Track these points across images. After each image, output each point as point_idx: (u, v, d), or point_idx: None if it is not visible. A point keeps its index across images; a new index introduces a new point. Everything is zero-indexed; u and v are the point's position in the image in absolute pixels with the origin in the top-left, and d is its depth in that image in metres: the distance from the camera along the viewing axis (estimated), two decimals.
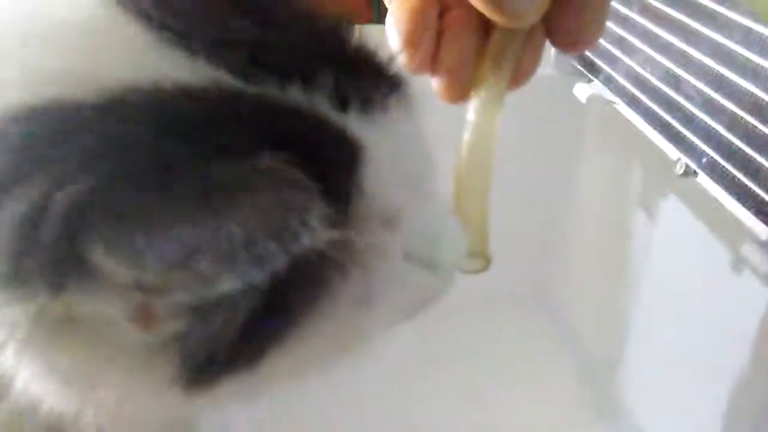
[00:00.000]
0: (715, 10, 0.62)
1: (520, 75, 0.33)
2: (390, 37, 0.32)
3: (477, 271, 0.33)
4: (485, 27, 0.32)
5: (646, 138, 0.75)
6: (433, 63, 0.32)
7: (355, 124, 0.25)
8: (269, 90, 0.24)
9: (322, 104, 0.25)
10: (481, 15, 0.31)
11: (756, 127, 0.57)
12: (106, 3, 0.25)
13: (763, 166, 0.56)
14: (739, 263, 0.59)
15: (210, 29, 0.25)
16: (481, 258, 0.32)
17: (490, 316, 1.05)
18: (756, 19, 0.57)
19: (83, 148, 0.21)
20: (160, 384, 0.25)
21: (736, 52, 0.60)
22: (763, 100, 0.56)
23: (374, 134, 0.26)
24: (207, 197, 0.21)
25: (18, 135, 0.22)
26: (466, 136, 0.32)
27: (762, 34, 0.57)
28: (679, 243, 0.78)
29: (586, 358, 0.98)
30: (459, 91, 0.32)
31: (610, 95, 0.82)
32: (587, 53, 0.86)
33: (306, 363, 0.28)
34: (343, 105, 0.25)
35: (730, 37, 0.61)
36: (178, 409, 0.29)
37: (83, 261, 0.20)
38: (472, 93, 0.32)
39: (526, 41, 0.32)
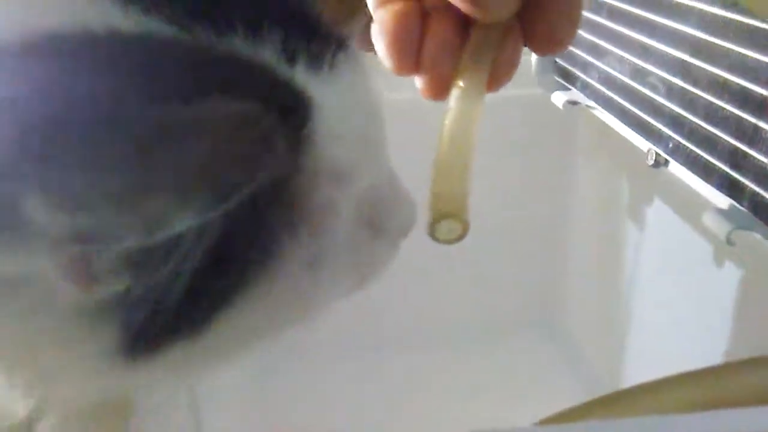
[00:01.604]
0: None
1: (499, 76, 0.34)
2: (375, 42, 0.34)
3: (454, 240, 0.32)
4: (466, 28, 0.33)
5: (624, 137, 0.77)
6: (416, 63, 0.34)
7: (302, 78, 0.25)
8: (210, 40, 0.23)
9: (267, 56, 0.24)
10: (461, 17, 0.33)
11: (713, 103, 0.58)
12: None
13: (722, 140, 0.57)
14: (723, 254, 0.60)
15: None
16: (458, 221, 0.31)
17: (492, 338, 1.05)
18: (708, 2, 0.59)
19: (11, 94, 0.20)
20: (99, 356, 0.24)
21: (692, 35, 0.61)
22: (719, 76, 0.58)
23: (323, 90, 0.25)
24: (155, 133, 0.20)
25: None
26: (446, 121, 0.33)
27: (714, 15, 0.59)
28: (665, 242, 0.79)
29: (590, 375, 0.97)
30: (440, 88, 0.33)
31: (586, 100, 0.84)
32: (563, 63, 0.88)
33: (253, 329, 0.27)
34: (290, 59, 0.25)
35: (685, 22, 0.62)
36: (120, 386, 0.27)
37: (15, 213, 0.19)
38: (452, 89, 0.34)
39: (504, 41, 0.33)
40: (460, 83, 0.32)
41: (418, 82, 0.34)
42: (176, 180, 0.20)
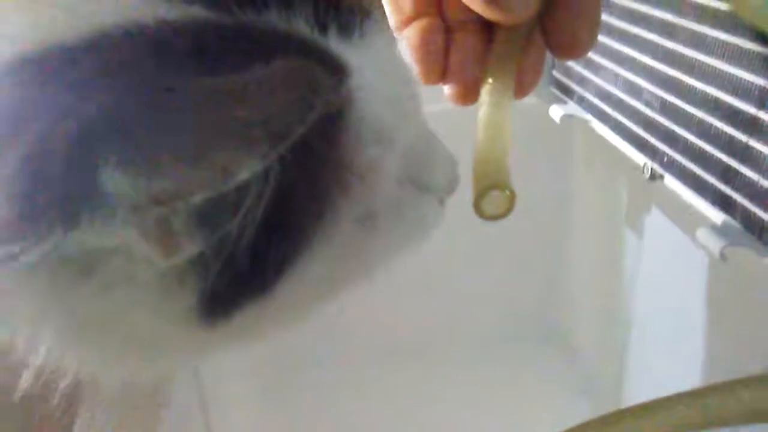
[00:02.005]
0: (663, 18, 0.66)
1: (525, 82, 0.35)
2: (405, 56, 0.36)
3: (501, 214, 0.33)
4: (488, 38, 0.35)
5: (621, 150, 0.78)
6: (443, 73, 0.35)
7: (336, 45, 0.26)
8: (246, 17, 0.25)
9: (302, 27, 0.26)
10: (483, 28, 0.34)
11: (705, 120, 0.60)
12: None
13: (714, 156, 0.59)
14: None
15: None
16: (504, 193, 0.32)
17: (492, 348, 1.06)
18: (701, 21, 0.61)
19: (76, 82, 0.22)
20: (179, 321, 0.25)
21: (684, 54, 0.63)
22: (711, 94, 0.59)
23: (356, 55, 0.27)
24: (212, 96, 0.21)
25: (8, 86, 0.22)
26: (481, 112, 0.34)
27: (706, 36, 0.60)
28: (664, 252, 0.80)
29: (591, 384, 0.99)
30: (468, 93, 0.35)
31: (583, 114, 0.85)
32: (561, 77, 0.90)
33: (317, 287, 0.28)
34: (322, 29, 0.26)
35: (677, 40, 0.64)
36: (199, 350, 0.29)
37: (94, 188, 0.20)
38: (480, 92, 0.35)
39: (526, 47, 0.34)
40: (489, 80, 0.34)
41: (446, 89, 0.35)
42: (237, 131, 0.21)
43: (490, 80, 0.34)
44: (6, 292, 0.23)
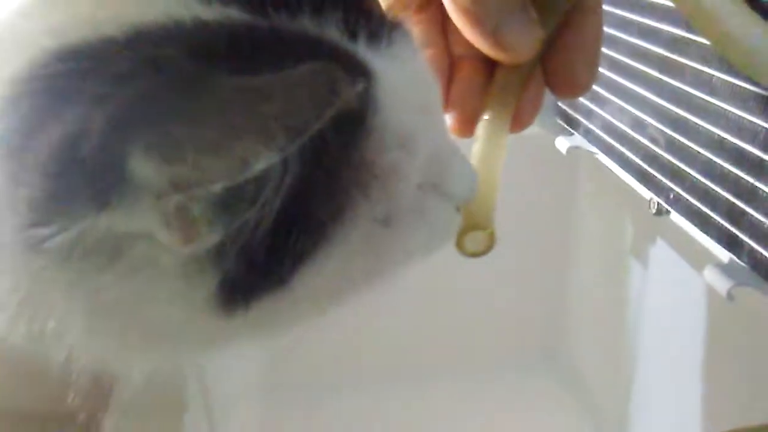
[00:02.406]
0: (670, 57, 0.67)
1: (523, 117, 0.36)
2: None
3: (480, 252, 0.34)
4: (491, 71, 0.36)
5: (627, 183, 0.79)
6: (444, 104, 0.37)
7: (364, 52, 0.27)
8: (280, 21, 0.26)
9: (332, 33, 0.27)
10: (486, 62, 0.36)
11: (711, 160, 0.61)
12: None
13: (721, 196, 0.60)
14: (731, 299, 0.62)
15: None
16: (485, 233, 0.34)
17: (496, 375, 1.07)
18: (703, 62, 0.62)
19: (115, 73, 0.23)
20: (200, 310, 0.25)
21: (691, 94, 0.64)
22: (716, 134, 0.61)
23: (383, 62, 0.28)
24: (241, 91, 0.22)
25: (50, 75, 0.23)
26: (475, 147, 0.35)
27: (711, 75, 0.61)
28: (669, 284, 0.81)
29: (596, 411, 0.99)
30: (467, 125, 0.36)
31: (589, 146, 0.87)
32: (567, 108, 0.91)
33: (335, 285, 0.29)
34: (352, 35, 0.27)
35: (684, 81, 0.65)
36: (219, 341, 0.29)
37: (123, 172, 0.21)
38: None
39: (526, 83, 0.36)
40: (486, 117, 0.35)
41: (447, 120, 0.37)
42: (258, 125, 0.22)
43: (487, 115, 0.35)
44: (36, 276, 0.24)
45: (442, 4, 0.34)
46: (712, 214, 0.61)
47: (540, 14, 0.33)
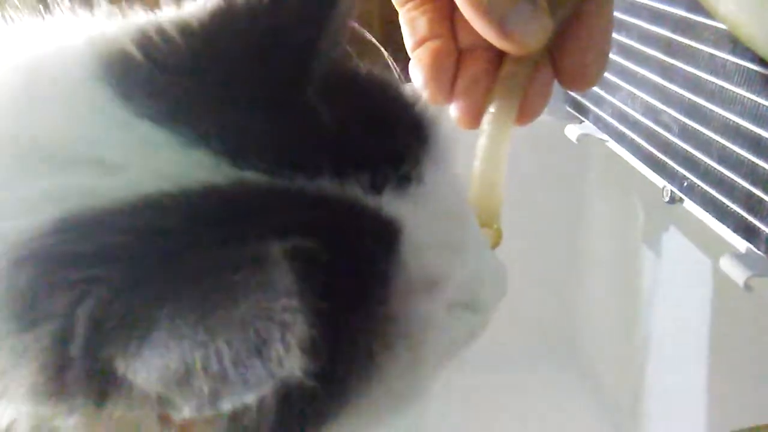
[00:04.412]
0: (682, 42, 0.66)
1: (530, 109, 0.35)
2: (413, 76, 0.36)
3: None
4: (498, 63, 0.35)
5: (638, 171, 0.78)
6: (450, 95, 0.36)
7: (390, 201, 0.25)
8: (297, 183, 0.24)
9: (354, 190, 0.25)
10: (494, 54, 0.35)
11: (727, 147, 0.59)
12: (114, 108, 0.24)
13: (737, 183, 0.58)
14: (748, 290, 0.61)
15: (229, 130, 0.24)
16: (491, 231, 0.33)
17: (510, 368, 1.06)
18: (717, 46, 0.60)
19: (107, 250, 0.21)
20: None
21: (705, 79, 0.63)
22: (731, 121, 0.59)
23: (410, 206, 0.26)
24: (204, 306, 0.20)
25: (46, 247, 0.22)
26: (480, 141, 0.35)
27: (725, 60, 0.60)
28: (683, 274, 0.79)
29: (609, 404, 0.98)
30: (472, 117, 0.35)
31: (599, 134, 0.85)
32: (576, 96, 0.89)
33: (365, 425, 0.28)
34: (377, 190, 0.25)
35: (697, 66, 0.64)
36: None
37: (113, 371, 0.20)
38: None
39: (534, 75, 0.35)
40: (491, 109, 0.34)
41: (453, 111, 0.36)
42: (219, 356, 0.20)
43: (493, 107, 0.35)
44: None
45: None
46: (728, 202, 0.59)
47: (549, 5, 0.32)
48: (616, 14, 0.76)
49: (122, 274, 0.20)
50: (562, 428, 0.96)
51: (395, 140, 0.27)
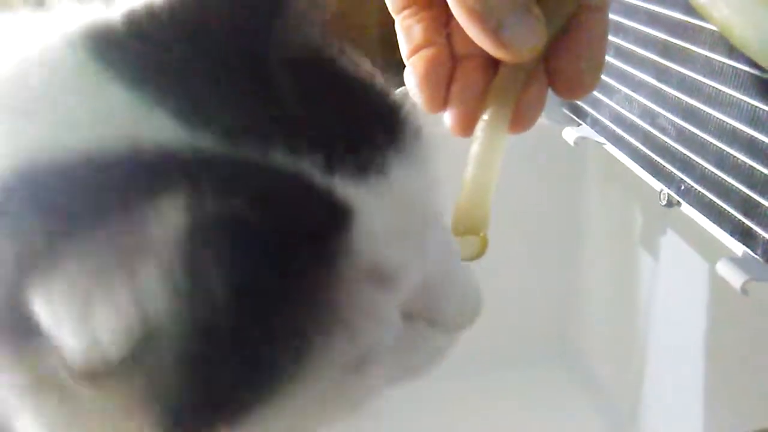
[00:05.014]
0: (678, 45, 0.65)
1: (524, 117, 0.35)
2: (407, 82, 0.36)
3: (473, 257, 0.33)
4: (493, 71, 0.35)
5: (636, 174, 0.78)
6: (444, 103, 0.36)
7: (344, 185, 0.25)
8: (247, 152, 0.24)
9: (306, 167, 0.25)
10: (489, 61, 0.35)
11: (724, 150, 0.59)
12: (86, 68, 0.25)
13: (734, 187, 0.58)
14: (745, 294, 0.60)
15: (190, 97, 0.25)
16: (477, 238, 0.33)
17: (507, 368, 1.06)
18: (714, 49, 0.60)
19: (42, 201, 0.22)
20: None
21: (701, 82, 0.63)
22: (728, 124, 0.59)
23: (366, 194, 0.26)
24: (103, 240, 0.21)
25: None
26: (472, 149, 0.35)
27: (722, 63, 0.60)
28: (680, 277, 0.79)
29: (607, 404, 0.98)
30: (466, 125, 0.35)
31: (597, 137, 0.85)
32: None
33: (296, 423, 0.28)
34: (332, 169, 0.25)
35: (694, 69, 0.64)
36: None
37: (27, 313, 0.21)
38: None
39: (528, 84, 0.35)
40: (485, 117, 0.34)
41: (447, 119, 0.36)
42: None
43: (486, 115, 0.34)
44: None
45: (446, 2, 0.33)
46: (725, 206, 0.59)
47: (544, 14, 0.32)
48: (613, 17, 0.76)
49: (57, 229, 0.21)
50: (560, 429, 0.96)
51: (358, 126, 0.27)
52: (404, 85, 0.36)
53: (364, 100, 0.29)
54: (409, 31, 0.37)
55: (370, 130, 0.27)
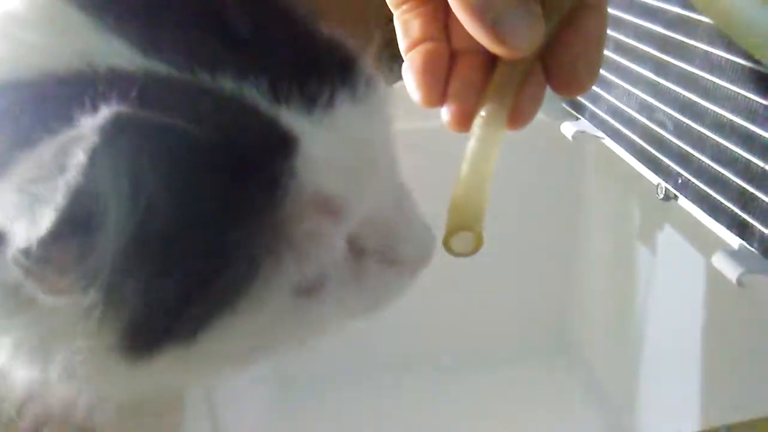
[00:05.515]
0: (676, 39, 0.66)
1: (522, 113, 0.35)
2: (405, 78, 0.36)
3: (467, 253, 0.34)
4: (491, 67, 0.35)
5: (633, 168, 0.78)
6: (442, 98, 0.36)
7: (291, 115, 0.27)
8: (198, 78, 0.26)
9: (253, 95, 0.27)
10: (487, 57, 0.35)
11: (720, 144, 0.60)
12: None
13: (731, 180, 0.59)
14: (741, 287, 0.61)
15: (147, 26, 0.27)
16: (472, 234, 0.33)
17: (505, 364, 1.07)
18: (712, 43, 0.61)
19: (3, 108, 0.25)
20: (105, 354, 0.26)
21: (699, 76, 0.63)
22: (725, 118, 0.59)
23: (313, 125, 0.27)
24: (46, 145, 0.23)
25: None
26: (469, 144, 0.35)
27: (720, 57, 0.60)
28: (677, 270, 0.80)
29: (605, 399, 0.99)
30: (464, 120, 0.35)
31: (595, 131, 0.85)
32: None
33: (248, 346, 0.29)
34: (278, 98, 0.27)
35: (692, 63, 0.64)
36: (128, 385, 0.30)
37: None
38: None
39: (526, 80, 0.35)
40: (482, 113, 0.34)
41: (444, 114, 0.36)
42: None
43: (484, 111, 0.35)
44: None
45: None
46: (721, 199, 0.59)
47: (543, 10, 0.32)
48: (611, 11, 0.76)
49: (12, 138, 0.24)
50: (557, 423, 0.97)
51: (309, 62, 0.29)
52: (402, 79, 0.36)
53: (316, 41, 0.30)
54: (407, 26, 0.37)
55: (320, 67, 0.29)
